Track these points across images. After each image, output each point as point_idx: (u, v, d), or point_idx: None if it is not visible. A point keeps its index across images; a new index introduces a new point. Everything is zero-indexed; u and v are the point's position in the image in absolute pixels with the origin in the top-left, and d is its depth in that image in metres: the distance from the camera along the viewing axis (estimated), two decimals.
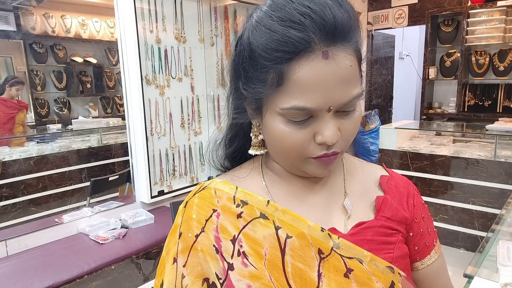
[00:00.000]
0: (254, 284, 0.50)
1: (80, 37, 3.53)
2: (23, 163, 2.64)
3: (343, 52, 0.47)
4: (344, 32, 0.47)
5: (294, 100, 0.47)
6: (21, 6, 3.12)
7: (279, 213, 0.54)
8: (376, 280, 0.52)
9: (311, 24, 0.45)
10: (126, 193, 2.81)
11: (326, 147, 0.51)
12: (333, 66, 0.46)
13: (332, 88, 0.47)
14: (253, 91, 0.51)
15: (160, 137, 2.38)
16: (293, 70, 0.46)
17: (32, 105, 3.27)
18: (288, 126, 0.50)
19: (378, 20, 4.81)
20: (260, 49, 0.48)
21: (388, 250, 0.55)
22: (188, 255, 0.53)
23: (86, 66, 3.69)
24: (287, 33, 0.45)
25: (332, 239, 0.53)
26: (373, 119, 4.66)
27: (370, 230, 0.56)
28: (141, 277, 1.95)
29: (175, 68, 2.42)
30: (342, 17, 0.46)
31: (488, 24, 3.97)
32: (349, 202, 0.58)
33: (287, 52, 0.46)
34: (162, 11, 2.30)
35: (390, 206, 0.59)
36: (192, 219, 0.55)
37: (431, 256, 0.61)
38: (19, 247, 1.82)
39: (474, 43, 4.09)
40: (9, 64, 3.12)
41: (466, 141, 3.46)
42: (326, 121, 0.49)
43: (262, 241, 0.52)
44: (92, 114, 3.71)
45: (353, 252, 0.52)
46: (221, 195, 0.56)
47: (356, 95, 0.49)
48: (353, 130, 0.53)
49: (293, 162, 0.54)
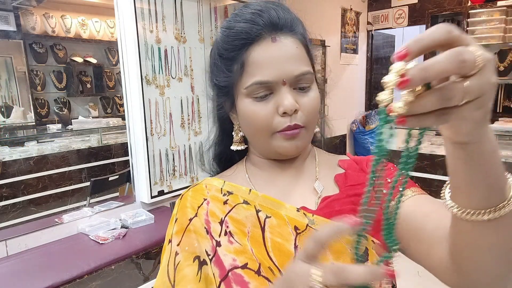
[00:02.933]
0: (238, 258, 0.59)
1: (80, 37, 3.53)
2: (23, 163, 2.64)
3: (289, 37, 0.59)
4: (286, 24, 0.60)
5: (254, 77, 0.58)
6: (21, 6, 3.12)
7: (260, 199, 0.63)
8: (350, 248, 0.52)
9: (259, 19, 0.58)
10: (126, 193, 2.81)
11: (289, 119, 0.59)
12: (281, 47, 0.58)
13: (283, 64, 0.58)
14: (224, 80, 0.63)
15: (160, 137, 2.38)
16: (250, 55, 0.59)
17: (32, 105, 3.27)
18: (254, 104, 0.60)
19: (378, 20, 4.81)
20: (223, 45, 0.61)
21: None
22: (182, 235, 0.62)
23: (86, 66, 3.69)
24: (241, 26, 0.59)
25: (307, 216, 0.60)
26: (373, 119, 4.66)
27: (336, 202, 0.62)
28: (141, 277, 1.95)
29: (175, 68, 2.42)
30: (283, 15, 0.60)
31: (488, 24, 3.97)
32: (319, 184, 0.66)
33: (243, 39, 0.59)
34: (162, 11, 2.30)
35: (349, 176, 0.66)
36: (187, 207, 0.65)
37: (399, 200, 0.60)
38: (19, 247, 1.82)
39: None
40: (9, 64, 3.12)
41: None
42: (283, 93, 0.58)
43: (245, 221, 0.61)
44: (92, 114, 3.71)
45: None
46: (211, 188, 0.67)
47: (305, 72, 0.59)
48: (311, 105, 0.60)
49: (264, 141, 0.62)
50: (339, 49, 4.43)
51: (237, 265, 0.58)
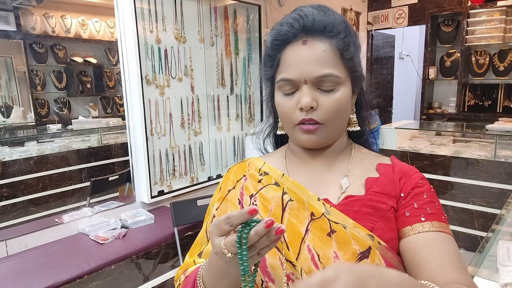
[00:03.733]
0: None
1: (80, 37, 3.52)
2: (23, 163, 2.64)
3: (319, 42, 0.65)
4: (320, 28, 0.65)
5: (282, 74, 0.67)
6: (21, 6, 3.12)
7: (289, 183, 0.71)
8: (355, 243, 0.63)
9: (296, 23, 0.65)
10: (126, 193, 2.81)
11: (305, 113, 0.65)
12: (309, 49, 0.64)
13: (306, 65, 0.64)
14: (266, 73, 0.72)
15: (160, 137, 2.38)
16: (283, 55, 0.67)
17: (32, 105, 3.27)
18: (282, 97, 0.68)
19: (378, 20, 4.81)
20: (268, 43, 0.70)
21: (372, 221, 0.65)
22: (221, 203, 0.76)
23: (86, 66, 3.69)
24: (282, 29, 0.67)
25: (325, 207, 0.67)
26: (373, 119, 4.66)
27: (357, 202, 0.67)
28: (141, 277, 1.95)
29: (175, 68, 2.42)
30: (321, 20, 0.65)
31: (488, 24, 3.97)
32: (346, 181, 0.71)
33: (280, 41, 0.67)
34: (162, 11, 2.30)
35: (380, 183, 0.69)
36: (229, 179, 0.78)
37: (413, 228, 0.64)
38: (19, 247, 1.82)
39: (474, 43, 4.09)
40: (9, 64, 3.12)
41: (466, 141, 3.45)
42: (303, 91, 0.65)
43: (271, 200, 0.71)
44: (92, 114, 3.71)
45: (339, 219, 0.65)
46: (252, 166, 0.78)
47: (327, 74, 0.64)
48: (332, 106, 0.65)
49: (289, 130, 0.71)
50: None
51: None
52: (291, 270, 0.64)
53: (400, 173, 0.70)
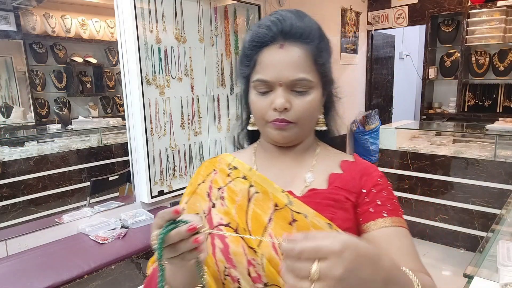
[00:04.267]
0: (224, 218, 0.73)
1: (80, 37, 3.52)
2: (23, 163, 2.64)
3: (296, 47, 0.69)
4: (297, 34, 0.69)
5: (258, 75, 0.70)
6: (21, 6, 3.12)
7: (256, 177, 0.75)
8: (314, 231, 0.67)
9: (274, 27, 0.69)
10: (126, 193, 2.81)
11: (278, 113, 0.70)
12: (286, 53, 0.68)
13: (282, 68, 0.68)
14: (243, 71, 0.75)
15: (160, 137, 2.38)
16: (260, 56, 0.70)
17: (32, 105, 3.27)
18: (257, 96, 0.72)
19: (378, 20, 4.81)
20: (246, 43, 0.74)
21: (332, 212, 0.70)
22: (191, 196, 0.80)
23: (86, 66, 3.69)
24: (260, 31, 0.70)
25: (288, 198, 0.71)
26: (373, 119, 4.66)
27: (319, 195, 0.72)
28: (141, 277, 1.95)
29: (175, 68, 2.42)
30: (298, 25, 0.69)
31: (488, 24, 3.97)
32: (311, 175, 0.76)
33: (258, 42, 0.70)
34: (162, 11, 2.30)
35: (342, 179, 0.74)
36: (200, 174, 0.82)
37: (376, 223, 0.70)
38: (19, 247, 1.82)
39: (474, 43, 4.09)
40: (9, 64, 3.12)
41: (466, 141, 3.46)
42: (278, 93, 0.69)
43: (238, 192, 0.75)
44: (92, 114, 3.71)
45: (301, 209, 0.69)
46: (222, 161, 0.82)
47: (301, 78, 0.68)
48: (303, 107, 0.70)
49: (261, 127, 0.75)
50: (339, 49, 4.42)
51: (222, 223, 0.73)
52: (252, 256, 0.69)
53: (362, 171, 0.75)
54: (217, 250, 0.71)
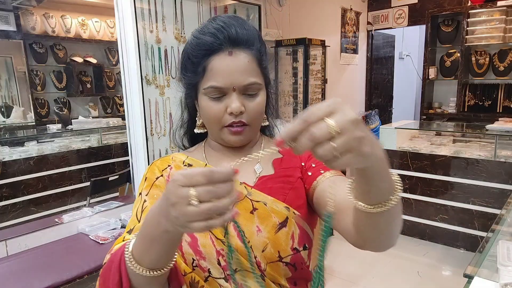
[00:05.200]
0: None
1: (80, 37, 3.52)
2: (23, 163, 2.64)
3: (243, 53, 0.73)
4: (243, 40, 0.73)
5: (210, 82, 0.73)
6: (21, 6, 3.12)
7: None
8: (274, 216, 0.75)
9: (220, 34, 0.72)
10: (126, 193, 2.81)
11: (234, 117, 0.74)
12: (235, 60, 0.72)
13: (234, 74, 0.72)
14: (189, 79, 0.79)
15: (160, 137, 2.38)
16: (210, 63, 0.73)
17: (32, 105, 3.27)
18: (209, 102, 0.75)
19: (378, 20, 4.81)
20: (191, 51, 0.76)
21: (283, 193, 0.78)
22: (150, 188, 0.80)
23: (86, 66, 3.69)
24: (206, 39, 0.73)
25: (247, 189, 0.77)
26: (373, 119, 4.66)
27: (270, 181, 0.80)
28: None
29: (175, 68, 2.42)
30: (242, 32, 0.73)
31: (488, 24, 3.97)
32: (259, 166, 0.82)
33: (205, 50, 0.73)
34: (162, 11, 2.30)
35: (285, 161, 0.83)
36: (155, 169, 0.83)
37: (317, 181, 0.78)
38: (19, 247, 1.82)
39: (474, 43, 4.09)
40: (9, 64, 3.12)
41: (466, 141, 3.46)
42: (233, 98, 0.73)
43: None
44: (92, 114, 3.71)
45: (259, 197, 0.76)
46: (176, 159, 0.85)
47: (253, 82, 0.73)
48: (256, 109, 0.75)
49: (215, 132, 0.78)
50: (339, 49, 4.42)
51: None
52: (220, 246, 0.73)
53: None
54: (184, 244, 0.74)
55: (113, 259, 0.64)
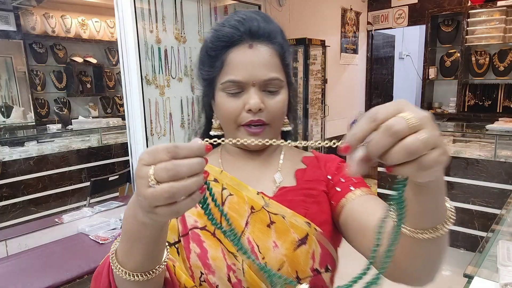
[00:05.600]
0: (199, 220, 0.69)
1: (80, 37, 3.53)
2: (23, 163, 2.64)
3: (265, 46, 0.68)
4: (265, 34, 0.68)
5: (229, 76, 0.67)
6: (21, 6, 3.12)
7: (227, 179, 0.72)
8: (293, 231, 0.67)
9: (241, 26, 0.67)
10: (126, 193, 2.81)
11: (253, 115, 0.67)
12: (256, 53, 0.67)
13: (254, 68, 0.67)
14: (207, 73, 0.72)
15: (160, 137, 2.38)
16: (229, 56, 0.68)
17: (32, 105, 3.27)
18: (226, 98, 0.69)
19: (378, 20, 4.81)
20: (210, 44, 0.70)
21: (305, 207, 0.70)
22: None
23: (86, 66, 3.69)
24: (226, 31, 0.68)
25: (264, 200, 0.69)
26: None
27: (290, 192, 0.72)
28: None
29: (175, 68, 2.42)
30: (265, 26, 0.68)
31: (488, 24, 3.97)
32: (279, 175, 0.75)
33: (225, 42, 0.68)
34: (162, 11, 2.30)
35: (308, 172, 0.75)
36: None
37: (347, 199, 0.70)
38: (19, 247, 1.82)
39: (474, 43, 4.09)
40: (9, 64, 3.12)
41: (466, 141, 3.45)
42: (252, 93, 0.67)
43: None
44: (92, 114, 3.71)
45: (278, 210, 0.68)
46: None
47: (273, 77, 0.68)
48: (276, 107, 0.69)
49: (231, 131, 0.71)
50: (339, 49, 4.43)
51: (197, 226, 0.69)
52: (232, 261, 0.66)
53: (323, 159, 0.78)
54: (193, 255, 0.67)
55: (106, 261, 0.58)
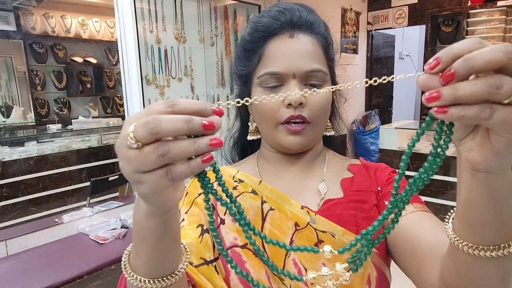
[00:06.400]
0: (239, 237, 0.61)
1: (80, 37, 3.53)
2: (23, 163, 2.64)
3: (307, 36, 0.62)
4: (307, 24, 0.63)
5: (267, 68, 0.62)
6: (21, 6, 3.12)
7: (268, 191, 0.65)
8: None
9: (281, 16, 0.62)
10: (126, 193, 2.81)
11: (293, 110, 0.60)
12: (297, 42, 0.61)
13: (295, 58, 0.61)
14: (242, 69, 0.67)
15: None
16: (267, 47, 0.62)
17: (32, 105, 3.27)
18: (264, 93, 0.61)
19: (378, 20, 4.81)
20: (247, 37, 0.65)
21: (356, 222, 0.62)
22: (190, 206, 0.65)
23: (86, 66, 3.69)
24: (265, 21, 0.63)
25: (310, 215, 0.62)
26: (373, 119, 4.66)
27: (338, 205, 0.63)
28: None
29: (175, 68, 2.42)
30: (307, 16, 0.63)
31: (488, 24, 3.97)
32: (324, 186, 0.67)
33: (263, 32, 0.62)
34: (162, 11, 2.30)
35: (356, 182, 0.67)
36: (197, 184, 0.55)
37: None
38: (19, 247, 1.82)
39: None
40: (9, 64, 3.12)
41: None
42: (292, 86, 0.61)
43: (249, 209, 0.63)
44: (92, 114, 3.71)
45: (326, 227, 0.61)
46: (225, 173, 0.69)
47: (316, 69, 0.61)
48: (319, 103, 0.62)
49: (270, 131, 0.64)
50: (339, 49, 4.42)
51: (237, 244, 0.61)
52: (277, 284, 0.58)
53: (373, 168, 0.70)
54: (233, 277, 0.59)
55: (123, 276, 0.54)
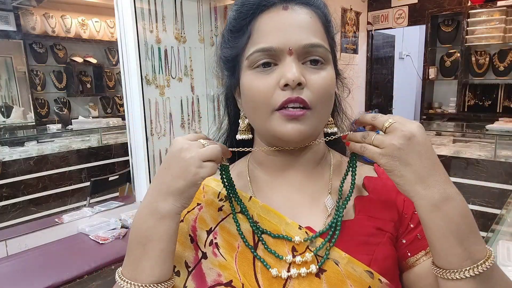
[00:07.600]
0: (223, 273, 0.52)
1: (80, 37, 3.52)
2: (23, 163, 2.64)
3: (304, 8, 0.52)
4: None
5: (258, 45, 0.51)
6: (21, 6, 3.12)
7: (259, 209, 0.55)
8: (351, 284, 0.50)
9: None
10: (126, 193, 2.81)
11: (290, 91, 0.50)
12: (292, 14, 0.51)
13: (290, 31, 0.51)
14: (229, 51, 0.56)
15: (160, 137, 2.38)
16: (257, 23, 0.52)
17: (32, 105, 3.27)
18: (256, 76, 0.52)
19: (378, 20, 4.81)
20: (233, 15, 0.55)
21: (368, 251, 0.52)
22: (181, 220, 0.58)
23: (86, 66, 3.69)
24: None
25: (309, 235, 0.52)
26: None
27: (348, 229, 0.53)
28: None
29: (175, 68, 2.42)
30: None
31: (488, 24, 3.97)
32: (331, 201, 0.56)
33: (253, 6, 0.52)
34: (162, 11, 2.30)
35: (373, 205, 0.56)
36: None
37: (419, 258, 0.54)
38: (19, 247, 1.82)
39: (474, 43, 4.09)
40: (9, 64, 3.12)
41: (466, 141, 3.45)
42: (288, 64, 0.50)
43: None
44: (92, 114, 3.71)
45: (331, 253, 0.51)
46: (208, 190, 0.60)
47: (316, 43, 0.51)
48: (321, 84, 0.52)
49: (263, 121, 0.53)
50: (339, 49, 4.42)
51: (221, 281, 0.52)
52: None
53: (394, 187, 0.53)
54: None
55: None
